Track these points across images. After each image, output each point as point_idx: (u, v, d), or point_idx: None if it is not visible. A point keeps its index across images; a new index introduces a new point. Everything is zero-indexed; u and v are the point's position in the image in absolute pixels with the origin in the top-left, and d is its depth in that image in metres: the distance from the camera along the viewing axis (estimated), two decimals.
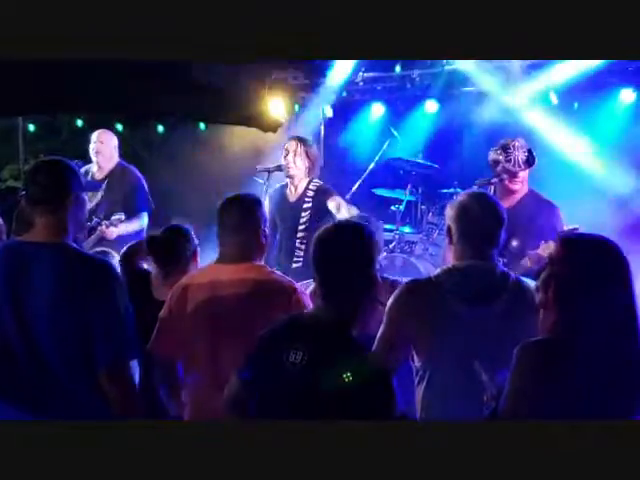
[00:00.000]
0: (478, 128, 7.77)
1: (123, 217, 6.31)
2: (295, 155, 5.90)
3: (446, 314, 3.23)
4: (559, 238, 2.72)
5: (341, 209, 5.71)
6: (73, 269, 2.98)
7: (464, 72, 7.91)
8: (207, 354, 3.51)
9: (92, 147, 6.68)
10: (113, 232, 6.27)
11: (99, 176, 6.66)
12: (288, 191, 6.01)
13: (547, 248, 4.90)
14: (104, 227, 6.25)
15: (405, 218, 7.74)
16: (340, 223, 2.93)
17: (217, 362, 3.48)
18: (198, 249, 4.17)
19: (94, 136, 6.73)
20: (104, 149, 6.66)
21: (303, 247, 5.78)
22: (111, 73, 7.85)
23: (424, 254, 7.08)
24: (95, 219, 6.32)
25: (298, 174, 5.92)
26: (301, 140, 5.98)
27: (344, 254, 2.77)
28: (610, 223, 5.64)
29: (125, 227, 6.33)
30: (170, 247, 4.07)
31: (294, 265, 5.77)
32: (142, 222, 6.57)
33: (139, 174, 6.75)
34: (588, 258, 2.61)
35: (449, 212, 3.39)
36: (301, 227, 5.86)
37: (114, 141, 6.77)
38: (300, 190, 5.95)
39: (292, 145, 5.94)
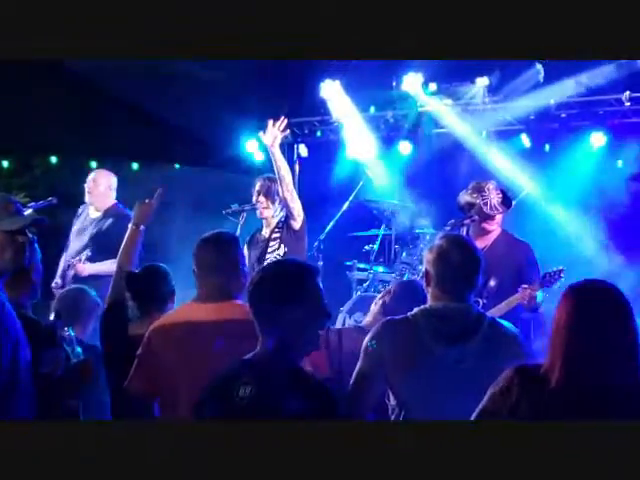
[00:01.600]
0: (451, 169, 7.84)
1: (89, 253, 6.30)
2: (266, 195, 5.86)
3: (422, 353, 3.25)
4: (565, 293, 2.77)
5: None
6: None
7: (436, 114, 8.02)
8: (186, 394, 3.47)
9: (86, 186, 6.68)
10: (84, 269, 6.28)
11: (94, 215, 6.66)
12: (263, 232, 5.98)
13: (527, 291, 4.97)
14: (75, 262, 6.30)
15: (379, 257, 7.76)
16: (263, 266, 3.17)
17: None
18: (174, 290, 4.16)
19: (89, 176, 6.75)
20: (94, 189, 6.65)
21: None
22: (84, 111, 7.89)
23: None
24: (77, 257, 6.35)
25: (270, 214, 5.89)
26: (271, 180, 5.88)
27: (262, 293, 2.87)
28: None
29: (98, 266, 6.24)
30: (148, 285, 4.06)
31: None
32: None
33: None
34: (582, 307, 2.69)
35: (428, 256, 3.40)
36: (268, 255, 5.78)
37: (109, 181, 6.74)
38: (272, 226, 5.91)
39: (262, 185, 5.89)
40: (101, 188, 6.65)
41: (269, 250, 5.80)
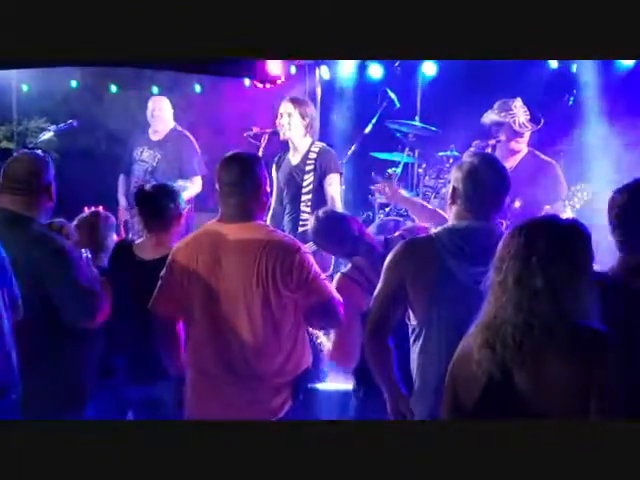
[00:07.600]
0: (475, 91, 7.70)
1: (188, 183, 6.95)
2: (290, 117, 5.80)
3: (443, 271, 3.23)
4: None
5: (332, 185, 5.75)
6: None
7: None
8: (209, 314, 3.51)
9: (149, 113, 7.32)
10: None
11: (155, 138, 7.30)
12: (290, 155, 5.95)
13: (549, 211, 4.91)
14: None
15: (402, 181, 7.69)
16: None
17: (219, 322, 3.49)
18: (184, 212, 4.23)
19: (150, 103, 7.39)
20: (161, 115, 7.29)
21: (308, 210, 5.68)
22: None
23: None
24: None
25: (294, 136, 5.83)
26: (294, 101, 5.85)
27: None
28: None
29: (187, 193, 6.67)
30: (153, 203, 4.15)
31: (300, 229, 5.68)
32: (197, 187, 7.21)
33: (192, 139, 7.28)
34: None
35: (456, 173, 3.36)
36: (305, 190, 5.78)
37: (170, 106, 7.40)
38: (302, 152, 5.85)
39: (286, 107, 5.82)
40: (165, 113, 7.33)
41: (306, 177, 5.77)
